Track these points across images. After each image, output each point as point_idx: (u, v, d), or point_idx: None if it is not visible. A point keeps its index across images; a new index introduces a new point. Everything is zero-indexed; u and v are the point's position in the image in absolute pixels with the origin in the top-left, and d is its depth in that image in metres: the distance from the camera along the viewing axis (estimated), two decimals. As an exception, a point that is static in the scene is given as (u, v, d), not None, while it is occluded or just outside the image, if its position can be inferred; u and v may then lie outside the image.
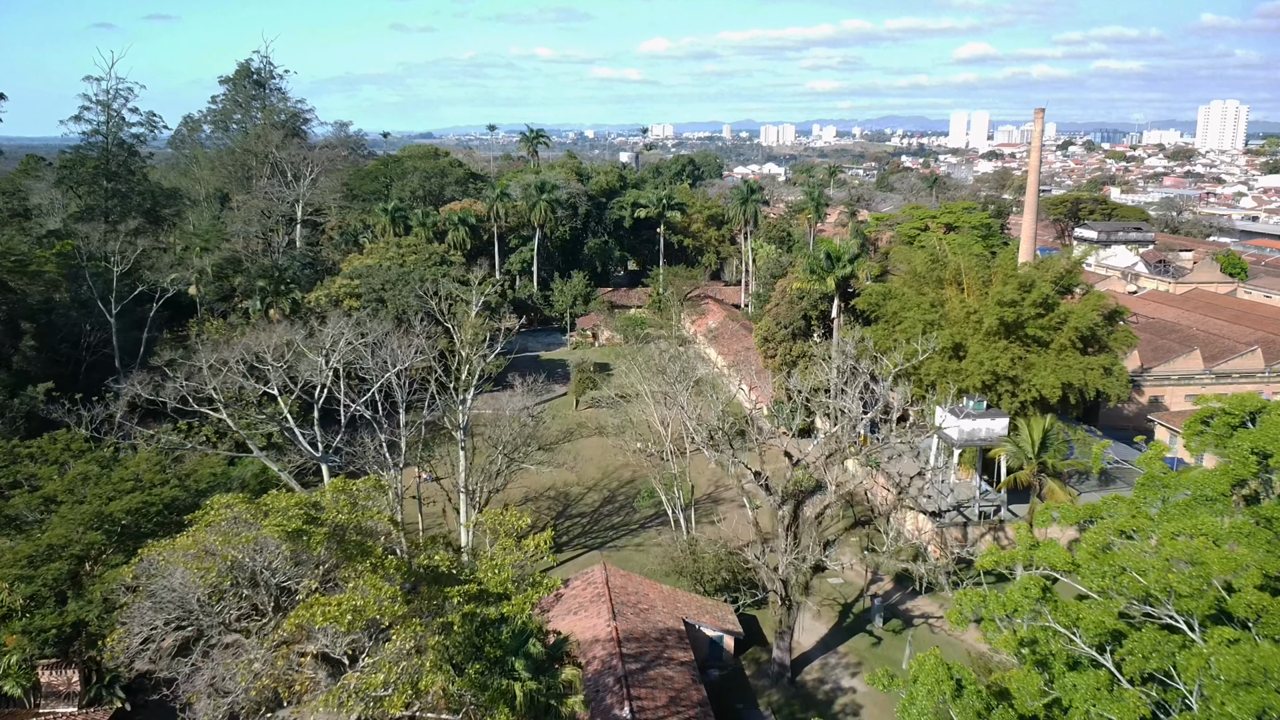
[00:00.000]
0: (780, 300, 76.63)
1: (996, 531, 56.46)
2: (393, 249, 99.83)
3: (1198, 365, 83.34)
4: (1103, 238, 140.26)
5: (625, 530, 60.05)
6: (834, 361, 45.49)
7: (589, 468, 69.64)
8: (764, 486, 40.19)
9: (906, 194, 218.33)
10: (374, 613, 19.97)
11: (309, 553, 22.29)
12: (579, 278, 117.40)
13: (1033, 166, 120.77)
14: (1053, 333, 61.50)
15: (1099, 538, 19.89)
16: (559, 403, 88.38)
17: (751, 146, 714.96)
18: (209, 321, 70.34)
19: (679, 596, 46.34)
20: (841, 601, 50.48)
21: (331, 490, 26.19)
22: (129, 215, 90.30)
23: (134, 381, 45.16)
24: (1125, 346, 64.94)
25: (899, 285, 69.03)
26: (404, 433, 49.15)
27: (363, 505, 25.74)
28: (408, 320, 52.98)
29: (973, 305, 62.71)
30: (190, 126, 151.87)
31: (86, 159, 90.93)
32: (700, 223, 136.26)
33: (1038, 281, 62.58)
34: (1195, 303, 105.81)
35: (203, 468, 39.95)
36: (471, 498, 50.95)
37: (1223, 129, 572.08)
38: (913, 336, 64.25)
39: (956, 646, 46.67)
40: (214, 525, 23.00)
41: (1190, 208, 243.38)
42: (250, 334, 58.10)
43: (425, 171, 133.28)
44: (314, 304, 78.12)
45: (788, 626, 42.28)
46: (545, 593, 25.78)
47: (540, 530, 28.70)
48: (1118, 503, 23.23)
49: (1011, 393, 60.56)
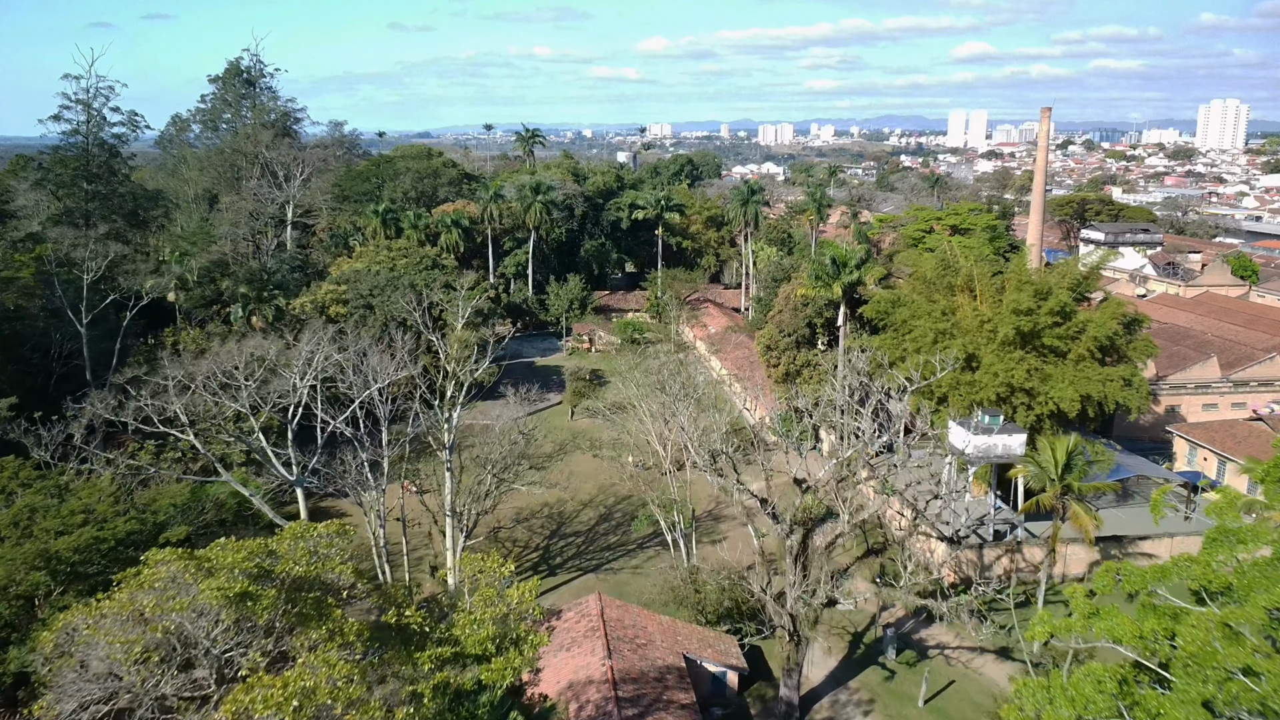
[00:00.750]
0: (784, 307, 73.70)
1: (1014, 553, 53.59)
2: (383, 252, 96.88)
3: (1215, 373, 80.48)
4: (1110, 239, 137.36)
5: (622, 550, 57.13)
6: (844, 378, 42.56)
7: (584, 482, 66.67)
8: (771, 514, 37.29)
9: (907, 194, 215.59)
10: (326, 697, 17.08)
11: (256, 619, 19.40)
12: (575, 281, 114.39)
13: (1039, 167, 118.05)
14: (1070, 342, 58.68)
15: (1200, 634, 16.55)
16: (553, 412, 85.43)
17: (750, 146, 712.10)
18: (186, 331, 67.21)
19: (679, 628, 43.41)
20: (851, 631, 47.56)
21: (290, 536, 23.25)
22: (109, 218, 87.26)
23: (94, 400, 42.10)
24: (1145, 356, 62.08)
25: (908, 292, 66.13)
26: (386, 452, 46.22)
27: (324, 554, 22.80)
28: (390, 334, 49.84)
29: (986, 314, 59.87)
30: (178, 126, 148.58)
31: (66, 160, 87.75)
32: (699, 224, 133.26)
33: (1054, 288, 59.78)
34: (1207, 307, 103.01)
35: (163, 497, 36.93)
36: (459, 519, 48.01)
37: (1223, 128, 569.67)
38: (923, 346, 61.42)
39: (975, 681, 43.82)
40: (147, 586, 20.09)
41: (1194, 208, 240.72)
42: (228, 344, 55.17)
43: (418, 172, 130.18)
44: (299, 311, 75.17)
45: (796, 663, 39.38)
46: (532, 652, 22.83)
47: (526, 578, 25.70)
48: (1191, 564, 20.29)
49: (1027, 405, 57.72)
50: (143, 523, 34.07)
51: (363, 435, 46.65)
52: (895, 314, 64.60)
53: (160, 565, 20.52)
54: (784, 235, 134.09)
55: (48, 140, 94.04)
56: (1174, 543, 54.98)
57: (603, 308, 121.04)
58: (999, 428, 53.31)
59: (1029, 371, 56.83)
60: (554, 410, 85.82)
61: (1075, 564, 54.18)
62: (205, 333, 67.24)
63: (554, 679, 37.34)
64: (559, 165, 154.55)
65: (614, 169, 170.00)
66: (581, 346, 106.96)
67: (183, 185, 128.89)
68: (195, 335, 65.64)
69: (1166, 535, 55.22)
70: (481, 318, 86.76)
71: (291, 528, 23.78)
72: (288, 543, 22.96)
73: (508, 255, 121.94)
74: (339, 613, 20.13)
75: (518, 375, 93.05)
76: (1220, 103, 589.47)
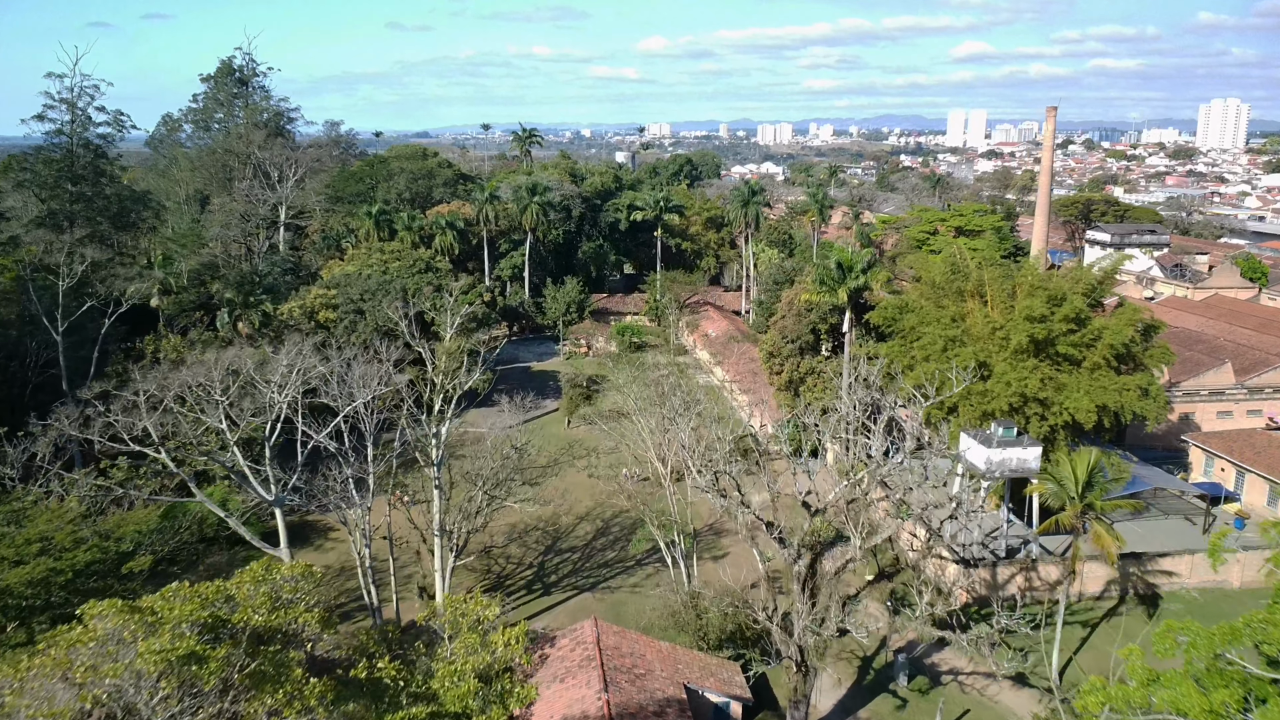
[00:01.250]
0: (787, 312, 71.46)
1: (1028, 571, 51.40)
2: (375, 255, 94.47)
3: (1229, 380, 78.32)
4: (1116, 240, 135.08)
5: (620, 567, 54.90)
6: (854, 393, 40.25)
7: (581, 495, 64.43)
8: (778, 538, 35.08)
9: (908, 194, 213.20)
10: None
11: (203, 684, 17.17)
12: (572, 284, 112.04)
13: (1045, 167, 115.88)
14: (1085, 350, 56.46)
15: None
16: (549, 420, 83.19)
17: (749, 145, 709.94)
18: (167, 338, 64.79)
19: (679, 656, 41.16)
20: (860, 655, 45.35)
21: (251, 579, 21.01)
22: (94, 221, 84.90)
23: (60, 416, 39.78)
24: (1162, 364, 59.87)
25: (916, 298, 63.90)
26: (372, 468, 43.96)
27: (287, 600, 20.56)
28: (374, 345, 47.52)
29: (998, 320, 57.65)
30: (170, 126, 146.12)
31: (50, 160, 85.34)
32: (699, 225, 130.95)
33: (1068, 294, 57.57)
34: (1217, 310, 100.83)
35: (128, 523, 34.59)
36: (449, 538, 45.73)
37: (1223, 127, 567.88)
38: (932, 354, 59.20)
39: (991, 710, 41.62)
40: (81, 645, 17.85)
41: (1197, 208, 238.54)
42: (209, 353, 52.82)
43: (412, 173, 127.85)
44: (286, 317, 72.88)
45: (804, 695, 37.14)
46: (520, 707, 20.59)
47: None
48: (1266, 625, 18.05)
49: (1041, 416, 55.49)
50: (105, 551, 31.81)
51: (347, 450, 44.40)
52: (903, 320, 62.41)
53: (98, 620, 18.29)
54: (785, 236, 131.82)
55: (31, 140, 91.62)
56: (1194, 560, 52.79)
57: (601, 311, 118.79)
58: (1011, 439, 51.18)
59: (1043, 381, 54.61)
60: (550, 418, 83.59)
61: (1092, 582, 51.99)
62: (187, 340, 64.81)
63: (546, 714, 35.09)
64: (556, 165, 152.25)
65: (612, 169, 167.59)
66: (579, 351, 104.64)
67: (174, 186, 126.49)
68: (176, 343, 63.27)
69: (1187, 552, 53.02)
70: (476, 323, 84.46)
71: (252, 569, 21.55)
72: (248, 587, 20.73)
73: (504, 257, 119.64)
74: (300, 672, 17.88)
75: (514, 381, 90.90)
76: (1221, 102, 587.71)
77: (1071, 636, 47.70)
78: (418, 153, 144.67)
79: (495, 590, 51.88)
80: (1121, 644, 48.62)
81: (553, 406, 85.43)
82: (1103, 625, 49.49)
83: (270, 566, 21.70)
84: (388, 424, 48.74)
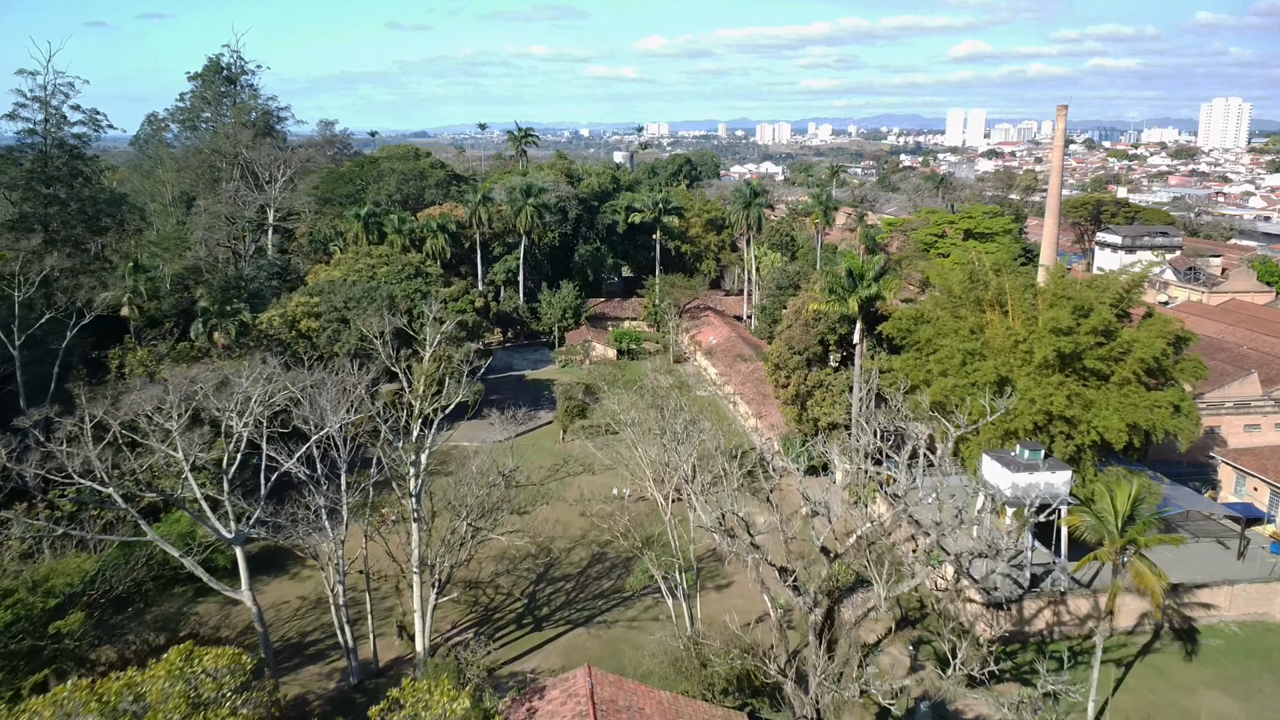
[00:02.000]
0: (793, 322, 67.79)
1: (1057, 605, 47.74)
2: (363, 259, 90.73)
3: (1256, 390, 74.68)
4: (1127, 243, 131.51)
5: (616, 599, 51.18)
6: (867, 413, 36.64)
7: (575, 517, 60.71)
8: (793, 586, 31.43)
9: (910, 194, 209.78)
10: None
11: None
12: (568, 288, 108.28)
13: (1055, 167, 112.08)
14: (1113, 364, 52.88)
15: None
16: (544, 433, 79.51)
17: (747, 145, 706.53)
18: (134, 351, 60.94)
19: (681, 707, 37.39)
20: (878, 701, 41.62)
21: (166, 674, 17.32)
22: (68, 224, 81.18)
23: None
24: (1194, 379, 56.32)
25: (931, 307, 60.30)
26: (345, 498, 40.33)
27: (209, 701, 16.90)
28: (347, 367, 43.81)
29: (1020, 332, 53.99)
30: (155, 125, 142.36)
31: (19, 160, 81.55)
32: (699, 227, 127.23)
33: (1095, 304, 54.00)
34: (1236, 315, 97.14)
35: (57, 575, 30.68)
36: (430, 572, 42.03)
37: (1225, 127, 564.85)
38: (949, 369, 55.55)
39: (1024, 766, 37.94)
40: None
41: (1204, 208, 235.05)
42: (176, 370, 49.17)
43: (404, 173, 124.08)
44: (266, 326, 69.16)
45: (820, 755, 33.54)
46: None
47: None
48: None
49: (1067, 435, 51.92)
50: (29, 609, 28.02)
51: (319, 477, 40.77)
52: (918, 332, 58.80)
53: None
54: (787, 239, 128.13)
55: (3, 140, 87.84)
56: (1234, 591, 49.19)
57: (598, 315, 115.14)
58: (1037, 462, 47.56)
59: (1069, 398, 51.01)
60: (544, 431, 79.93)
61: (1125, 616, 48.31)
62: (155, 353, 60.92)
63: (534, 781, 31.50)
64: (552, 166, 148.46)
65: (610, 169, 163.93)
66: (575, 359, 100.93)
67: (159, 187, 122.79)
68: (143, 356, 59.47)
69: (1226, 583, 49.39)
70: (466, 332, 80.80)
71: (169, 659, 17.84)
72: (162, 683, 17.04)
73: (497, 261, 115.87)
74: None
75: (506, 391, 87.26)
76: (1222, 101, 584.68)
77: (1105, 676, 44.07)
78: (409, 153, 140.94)
79: (482, 625, 48.26)
80: (1160, 686, 45.59)
81: (547, 419, 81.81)
82: (1138, 664, 45.87)
83: (191, 656, 18.11)
84: (363, 449, 45.14)
